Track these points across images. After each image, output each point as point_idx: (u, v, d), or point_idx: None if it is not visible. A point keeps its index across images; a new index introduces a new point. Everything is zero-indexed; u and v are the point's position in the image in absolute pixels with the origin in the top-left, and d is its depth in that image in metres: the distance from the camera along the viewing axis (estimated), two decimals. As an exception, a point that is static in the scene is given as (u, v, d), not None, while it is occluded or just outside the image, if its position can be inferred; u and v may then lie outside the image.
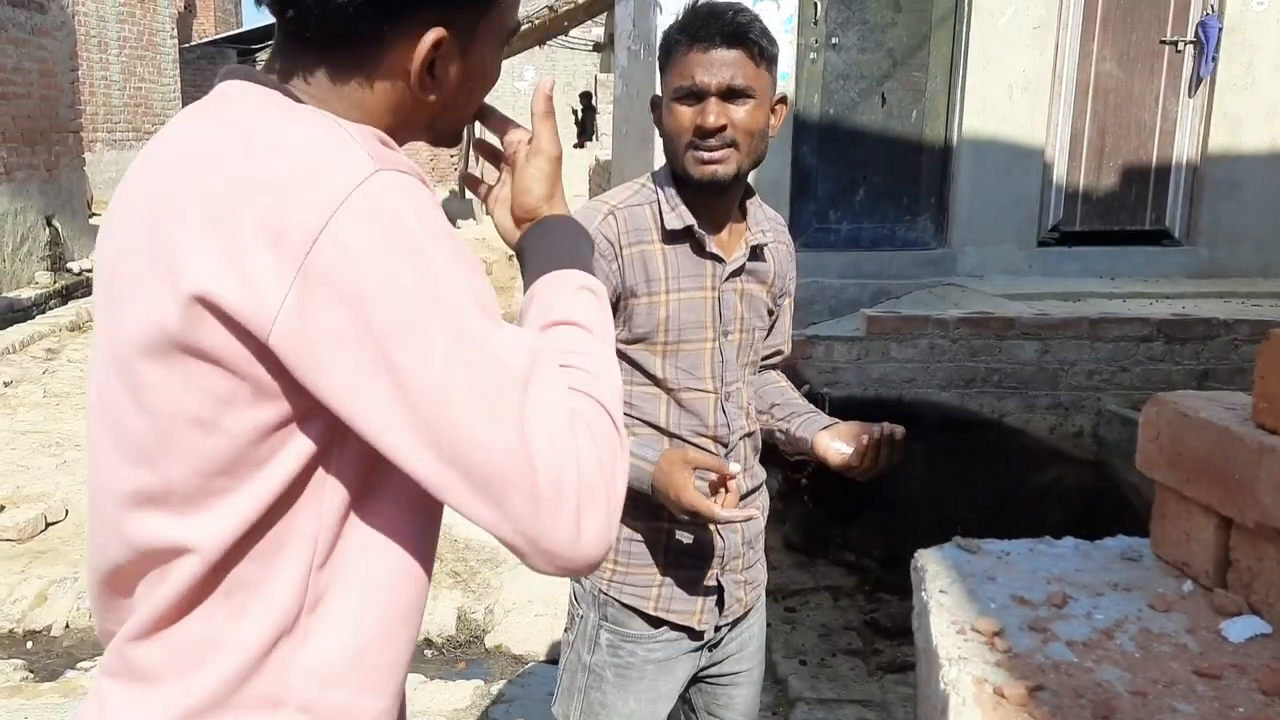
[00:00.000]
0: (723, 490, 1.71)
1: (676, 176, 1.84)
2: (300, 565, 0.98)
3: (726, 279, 1.85)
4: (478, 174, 1.53)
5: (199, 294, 0.87)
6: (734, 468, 1.71)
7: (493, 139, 1.26)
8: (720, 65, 1.72)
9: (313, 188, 0.87)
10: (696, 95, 1.74)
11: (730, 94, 1.73)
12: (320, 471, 0.97)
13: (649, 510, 1.83)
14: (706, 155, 1.75)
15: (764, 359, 2.06)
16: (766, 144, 1.83)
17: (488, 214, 1.26)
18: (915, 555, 1.45)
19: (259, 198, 0.87)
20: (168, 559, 0.97)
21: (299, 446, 0.95)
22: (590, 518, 0.92)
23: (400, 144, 1.05)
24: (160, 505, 0.96)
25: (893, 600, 4.03)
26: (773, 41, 1.78)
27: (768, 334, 2.02)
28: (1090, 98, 6.40)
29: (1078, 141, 6.45)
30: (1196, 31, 6.30)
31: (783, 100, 1.85)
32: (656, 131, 1.86)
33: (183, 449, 0.94)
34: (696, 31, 1.73)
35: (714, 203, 1.83)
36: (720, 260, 1.85)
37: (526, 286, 1.13)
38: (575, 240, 1.17)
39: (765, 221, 1.94)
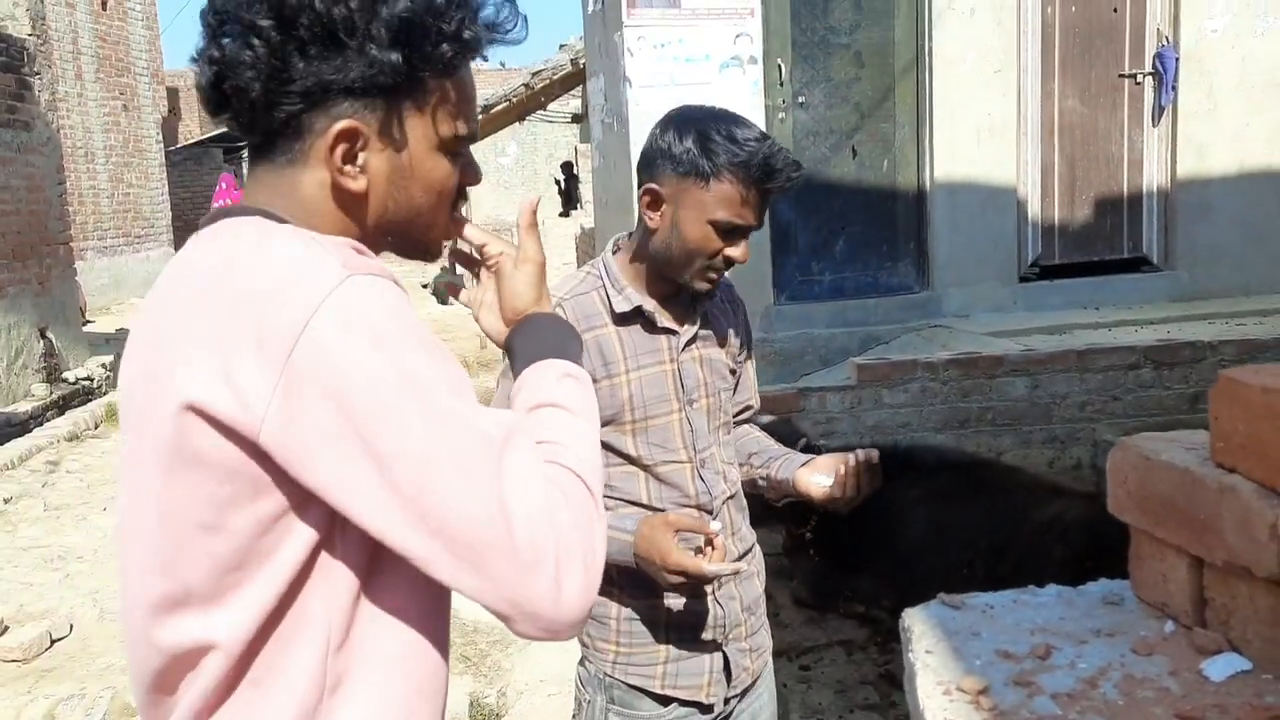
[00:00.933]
0: (709, 549, 1.73)
1: (635, 257, 1.89)
2: (317, 649, 1.03)
3: (683, 349, 1.90)
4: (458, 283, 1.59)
5: (190, 403, 0.95)
6: (715, 526, 1.75)
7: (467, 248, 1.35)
8: (762, 210, 1.82)
9: (290, 295, 0.95)
10: (734, 233, 1.80)
11: (750, 232, 1.83)
12: (326, 556, 1.03)
13: (645, 587, 1.85)
14: (716, 276, 1.85)
15: (735, 415, 2.09)
16: None
17: (464, 305, 1.36)
18: (903, 615, 1.47)
19: (241, 309, 0.95)
20: (196, 658, 1.03)
21: (302, 534, 1.00)
22: (570, 578, 0.97)
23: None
24: (183, 608, 1.02)
25: (905, 650, 4.00)
26: None
27: (734, 391, 2.06)
28: (1056, 135, 6.50)
29: (1048, 178, 6.54)
30: (1154, 63, 6.43)
31: None
32: (637, 208, 1.87)
33: (195, 553, 1.00)
34: (760, 179, 1.77)
35: (669, 285, 1.89)
36: (674, 333, 1.89)
37: (516, 375, 1.21)
38: (560, 333, 1.26)
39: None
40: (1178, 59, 6.35)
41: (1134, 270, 6.69)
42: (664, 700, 1.89)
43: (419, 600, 1.08)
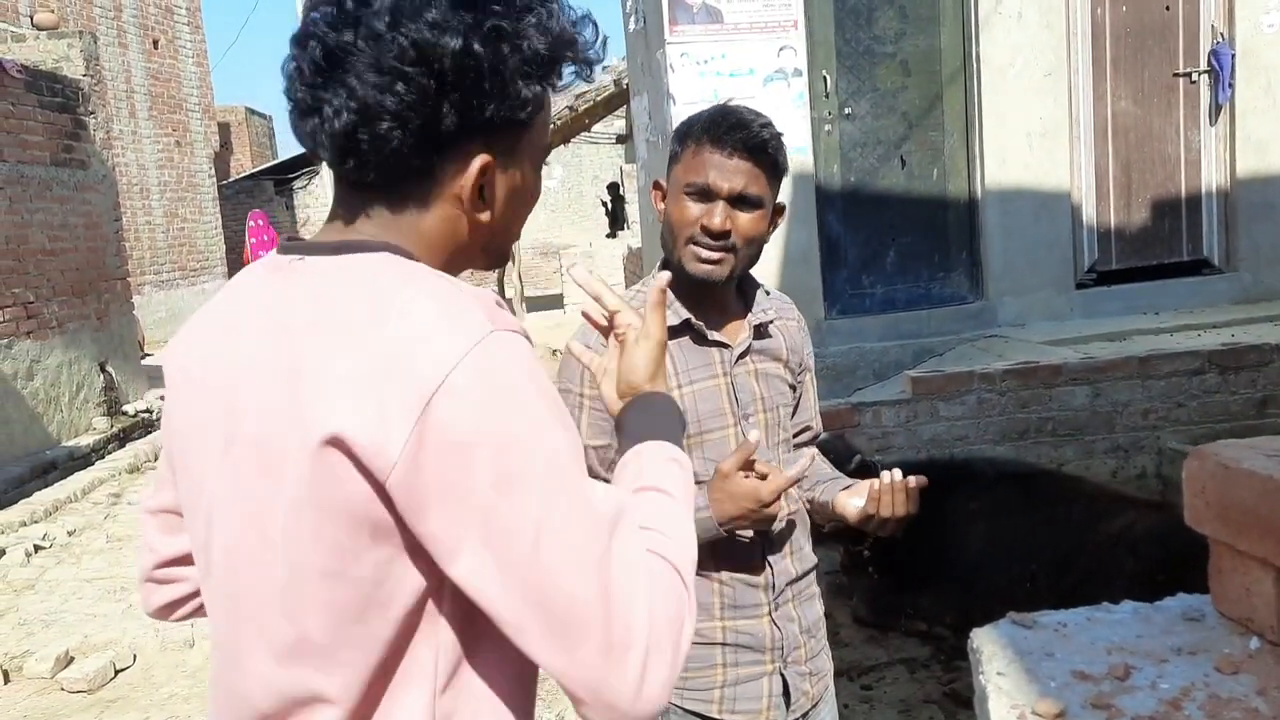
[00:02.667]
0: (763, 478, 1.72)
1: (669, 268, 1.86)
2: (425, 692, 1.03)
3: (736, 362, 1.86)
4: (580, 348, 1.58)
5: (334, 436, 0.94)
6: (753, 435, 1.72)
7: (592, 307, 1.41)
8: (735, 173, 1.76)
9: (435, 345, 0.95)
10: (706, 194, 1.77)
11: (739, 201, 1.77)
12: (433, 608, 1.03)
13: (702, 610, 1.82)
14: (704, 254, 1.78)
15: (794, 436, 2.05)
16: (761, 249, 1.87)
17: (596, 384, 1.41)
18: (971, 635, 1.41)
19: (388, 353, 0.95)
20: (307, 708, 1.03)
21: (413, 580, 1.00)
22: (655, 672, 0.97)
23: (457, 271, 1.13)
24: (300, 656, 1.02)
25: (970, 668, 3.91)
26: (786, 159, 1.83)
27: (794, 412, 2.02)
28: (1110, 137, 6.38)
29: (1103, 181, 6.42)
30: (1209, 60, 6.29)
31: (781, 209, 1.88)
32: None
33: (317, 600, 1.00)
34: (720, 135, 1.76)
35: (708, 295, 1.86)
36: (726, 346, 1.86)
37: (622, 453, 1.23)
38: (669, 416, 1.27)
39: (768, 301, 1.96)
40: (1234, 55, 6.21)
41: (1194, 273, 6.54)
42: (723, 726, 1.85)
43: (515, 663, 1.08)
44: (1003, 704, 1.20)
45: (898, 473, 1.83)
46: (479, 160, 1.06)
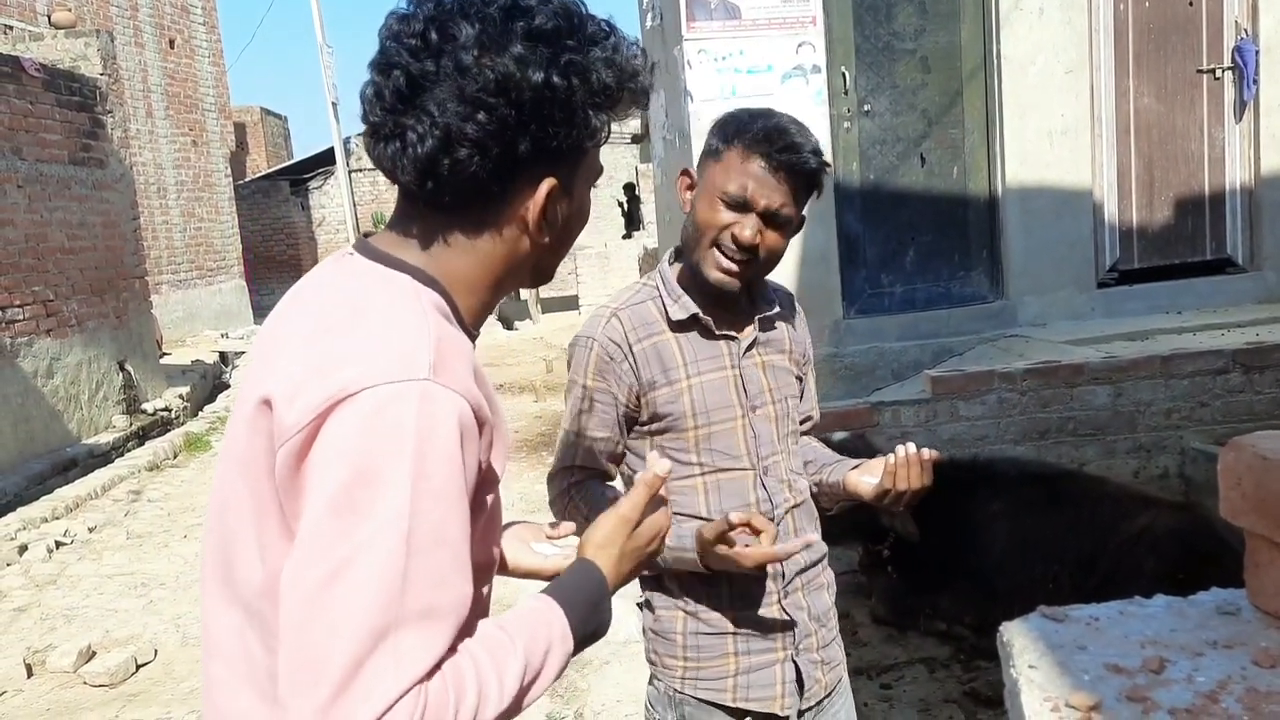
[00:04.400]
0: (758, 534, 1.69)
1: (680, 262, 1.87)
2: None
3: (744, 355, 1.86)
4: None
5: (264, 398, 1.03)
6: (734, 516, 1.68)
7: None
8: (776, 191, 1.75)
9: (370, 364, 1.00)
10: (743, 205, 1.75)
11: (772, 217, 1.76)
12: None
13: (710, 599, 1.82)
14: (727, 264, 1.78)
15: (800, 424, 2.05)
16: (778, 262, 1.87)
17: None
18: (1001, 628, 1.40)
19: (334, 352, 1.02)
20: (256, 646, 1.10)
21: None
22: None
23: (506, 291, 1.20)
24: (267, 596, 1.06)
25: (991, 667, 3.89)
26: (822, 181, 1.82)
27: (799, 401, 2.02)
28: (1133, 135, 6.34)
29: (1125, 179, 6.37)
30: (1233, 57, 6.24)
31: (801, 221, 1.87)
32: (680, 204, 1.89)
33: (275, 544, 1.05)
34: (772, 153, 1.73)
35: (719, 293, 1.85)
36: (733, 339, 1.85)
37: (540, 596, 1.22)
38: (594, 597, 1.23)
39: (770, 293, 1.96)
40: (1258, 51, 6.16)
41: (1218, 272, 6.48)
42: (738, 714, 1.85)
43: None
44: (1035, 696, 1.18)
45: (911, 445, 1.82)
46: (546, 185, 1.12)
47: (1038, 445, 5.00)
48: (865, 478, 1.89)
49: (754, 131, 1.75)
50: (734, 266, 1.77)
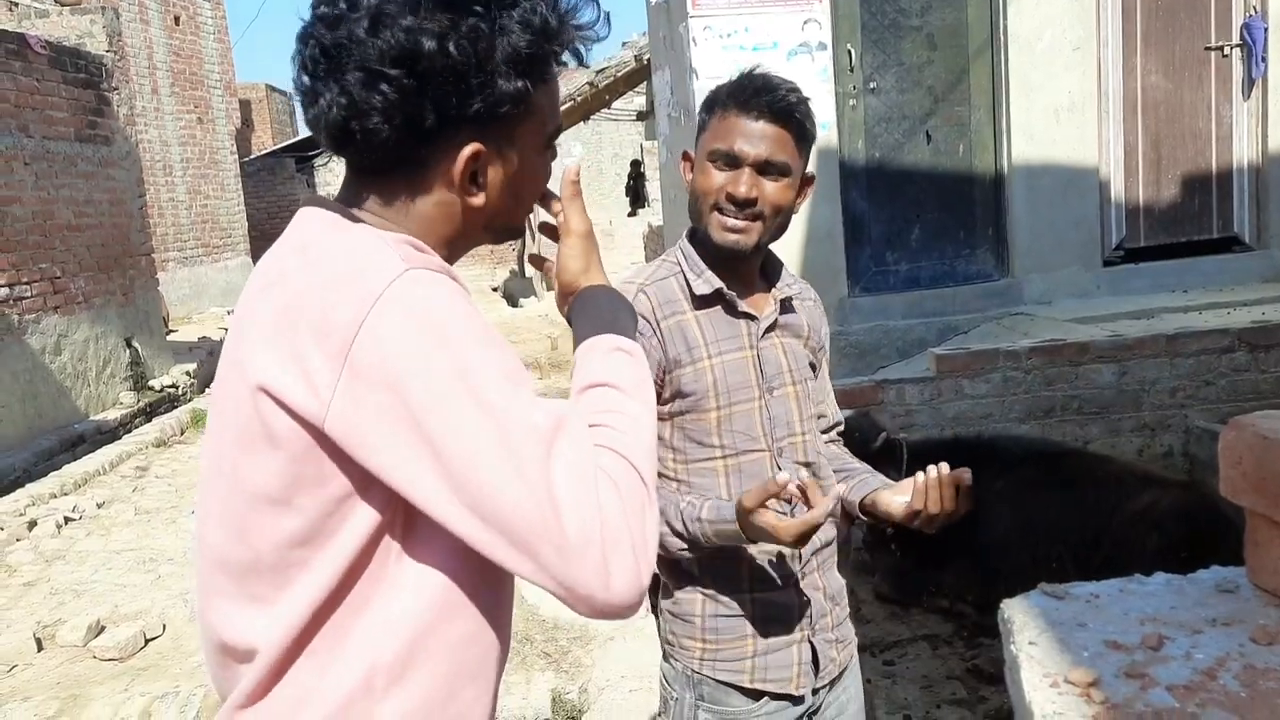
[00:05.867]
0: (801, 497, 1.68)
1: (697, 238, 1.86)
2: (373, 629, 1.09)
3: (763, 336, 1.86)
4: (538, 252, 1.57)
5: (262, 386, 1.02)
6: (781, 476, 1.67)
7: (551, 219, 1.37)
8: (762, 138, 1.74)
9: (351, 288, 1.01)
10: (732, 161, 1.75)
11: (766, 168, 1.75)
12: (386, 539, 1.08)
13: (730, 582, 1.83)
14: (731, 222, 1.77)
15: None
16: (789, 220, 1.85)
17: (549, 289, 1.35)
18: (1001, 605, 1.41)
19: (306, 300, 1.02)
20: (261, 627, 1.11)
21: (365, 516, 1.06)
22: (618, 565, 1.00)
23: (464, 249, 1.20)
24: (254, 575, 1.10)
25: (994, 644, 3.91)
26: (815, 126, 1.81)
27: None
28: (1140, 112, 6.31)
29: (1132, 157, 6.35)
30: (1242, 34, 6.20)
31: (810, 180, 1.86)
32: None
33: (265, 524, 1.07)
34: (746, 100, 1.74)
35: (736, 265, 1.85)
36: (753, 318, 1.85)
37: (574, 353, 1.24)
38: (612, 307, 1.26)
39: (789, 276, 1.95)
40: (1267, 29, 6.12)
41: (1224, 251, 6.46)
42: (755, 695, 1.86)
43: (474, 589, 1.13)
44: (1035, 672, 1.20)
45: (944, 466, 1.75)
46: (468, 150, 1.11)
47: (1042, 424, 5.01)
48: (897, 497, 1.84)
49: (728, 87, 1.77)
50: (739, 223, 1.76)
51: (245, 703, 1.13)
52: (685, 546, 1.77)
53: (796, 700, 1.87)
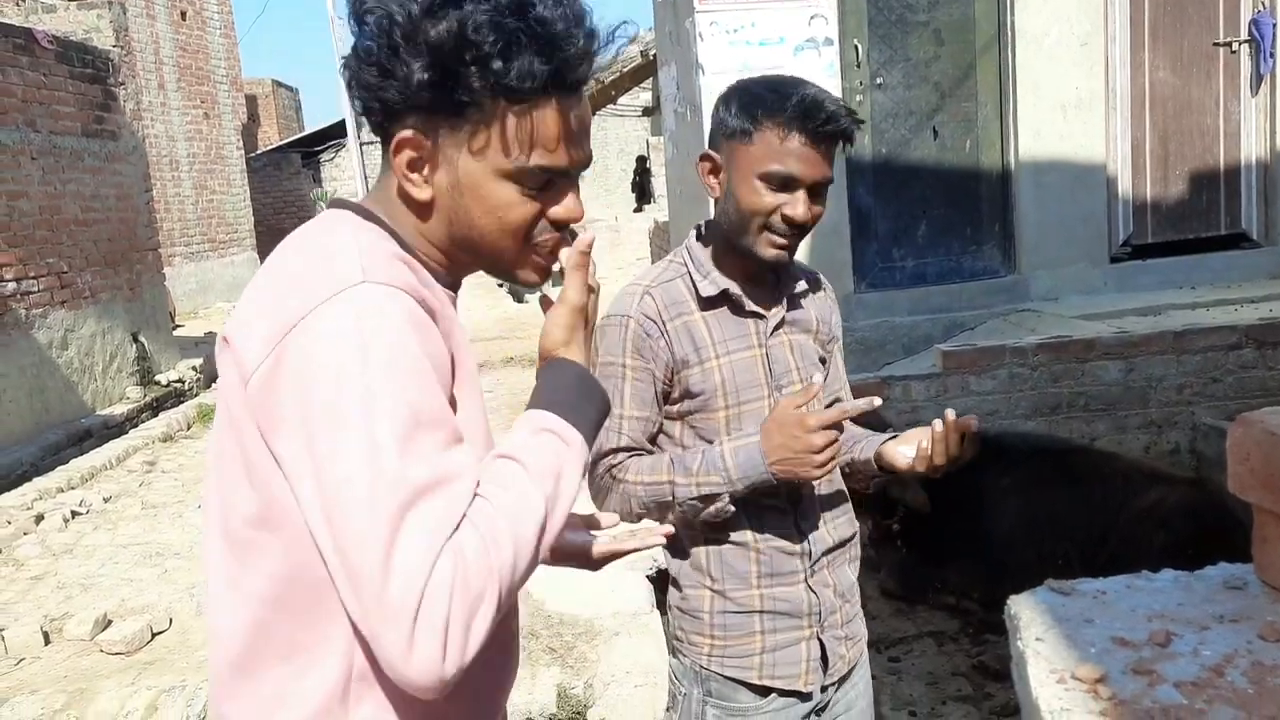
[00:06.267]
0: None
1: (710, 239, 1.85)
2: (344, 630, 1.09)
3: (772, 334, 1.85)
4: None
5: (227, 334, 1.10)
6: (817, 378, 1.70)
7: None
8: (822, 163, 1.73)
9: (305, 284, 1.06)
10: (789, 184, 1.72)
11: (816, 190, 1.75)
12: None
13: (739, 578, 1.83)
14: (781, 241, 1.76)
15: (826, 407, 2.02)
16: None
17: None
18: (1008, 602, 1.41)
19: (278, 286, 1.10)
20: (227, 610, 1.15)
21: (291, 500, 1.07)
22: (424, 645, 0.97)
23: (459, 262, 1.22)
24: (229, 556, 1.13)
25: (999, 641, 3.91)
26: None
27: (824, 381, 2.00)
28: (1147, 108, 6.29)
29: (1139, 153, 6.33)
30: (1250, 30, 6.18)
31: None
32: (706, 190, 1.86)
33: (236, 501, 1.11)
34: (814, 128, 1.70)
35: (748, 268, 1.84)
36: (761, 317, 1.85)
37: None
38: (575, 387, 1.21)
39: (798, 271, 1.94)
40: (1275, 24, 6.09)
41: (1232, 247, 6.44)
42: (762, 691, 1.85)
43: None
44: (1042, 668, 1.20)
45: (950, 413, 1.77)
46: (402, 132, 1.14)
47: (1048, 420, 5.00)
48: (901, 448, 1.84)
49: (788, 109, 1.70)
50: (785, 242, 1.76)
51: (223, 696, 1.16)
52: (708, 508, 1.77)
53: (805, 697, 1.87)
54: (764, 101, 1.72)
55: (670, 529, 1.51)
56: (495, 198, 1.16)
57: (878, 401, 1.70)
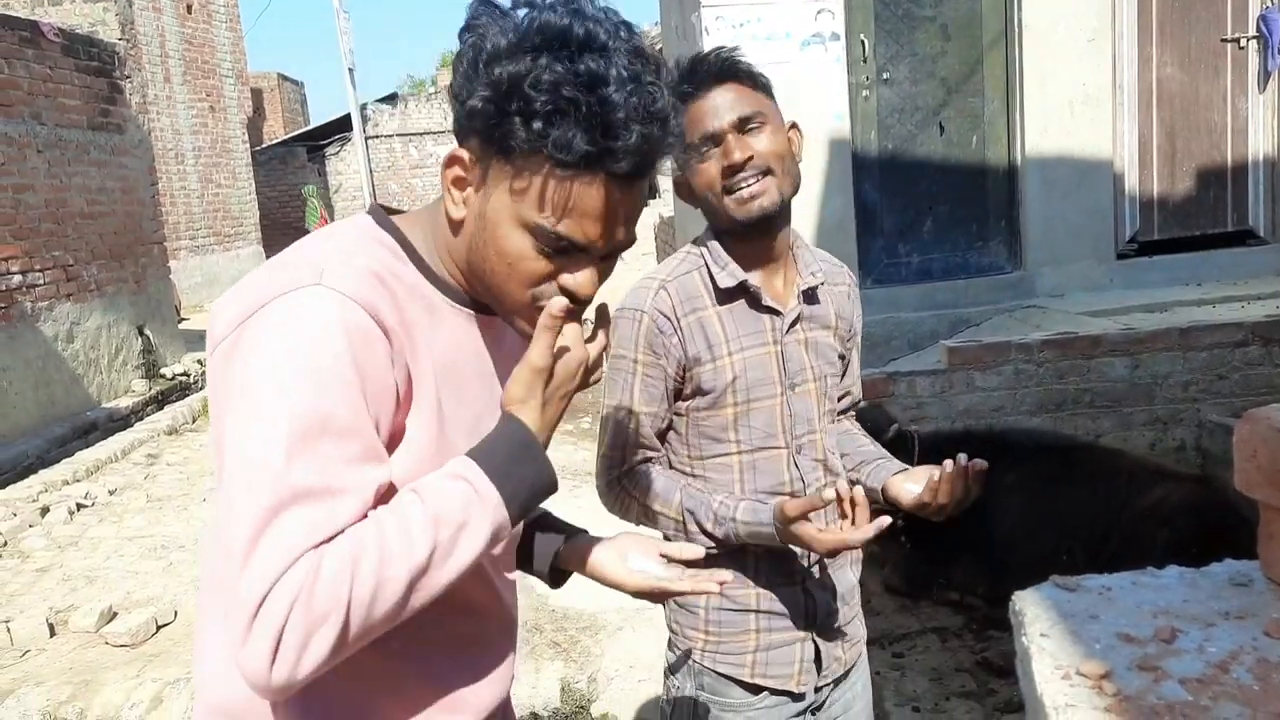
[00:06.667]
0: (849, 510, 1.67)
1: (720, 232, 1.83)
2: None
3: (787, 331, 1.83)
4: None
5: (211, 310, 1.19)
6: (828, 494, 1.65)
7: None
8: (722, 104, 1.73)
9: (277, 278, 1.13)
10: (713, 141, 1.73)
11: (743, 126, 1.73)
12: None
13: (736, 577, 1.81)
14: (745, 191, 1.73)
15: (838, 400, 2.02)
16: (799, 168, 1.81)
17: None
18: (1013, 597, 1.40)
19: (260, 273, 1.18)
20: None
21: None
22: (256, 642, 1.00)
23: (479, 283, 1.23)
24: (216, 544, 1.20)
25: (1003, 637, 3.90)
26: (760, 72, 1.79)
27: (840, 378, 1.99)
28: (1155, 104, 6.27)
29: (1146, 149, 6.32)
30: (1258, 26, 6.16)
31: (794, 126, 1.83)
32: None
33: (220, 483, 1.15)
34: (688, 83, 1.72)
35: (763, 245, 1.81)
36: (777, 313, 1.83)
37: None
38: (514, 446, 1.18)
39: (815, 264, 1.90)
40: (1283, 21, 6.07)
41: (1239, 244, 6.42)
42: (754, 689, 1.85)
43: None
44: (1046, 664, 1.19)
45: (962, 458, 1.73)
46: (455, 149, 1.19)
47: (1054, 417, 4.99)
48: (908, 485, 1.82)
49: (673, 90, 1.76)
50: (753, 188, 1.73)
51: (204, 618, 1.28)
52: (713, 546, 1.76)
53: (797, 697, 1.87)
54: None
55: (728, 576, 1.45)
56: (508, 242, 1.17)
57: (886, 521, 1.66)
